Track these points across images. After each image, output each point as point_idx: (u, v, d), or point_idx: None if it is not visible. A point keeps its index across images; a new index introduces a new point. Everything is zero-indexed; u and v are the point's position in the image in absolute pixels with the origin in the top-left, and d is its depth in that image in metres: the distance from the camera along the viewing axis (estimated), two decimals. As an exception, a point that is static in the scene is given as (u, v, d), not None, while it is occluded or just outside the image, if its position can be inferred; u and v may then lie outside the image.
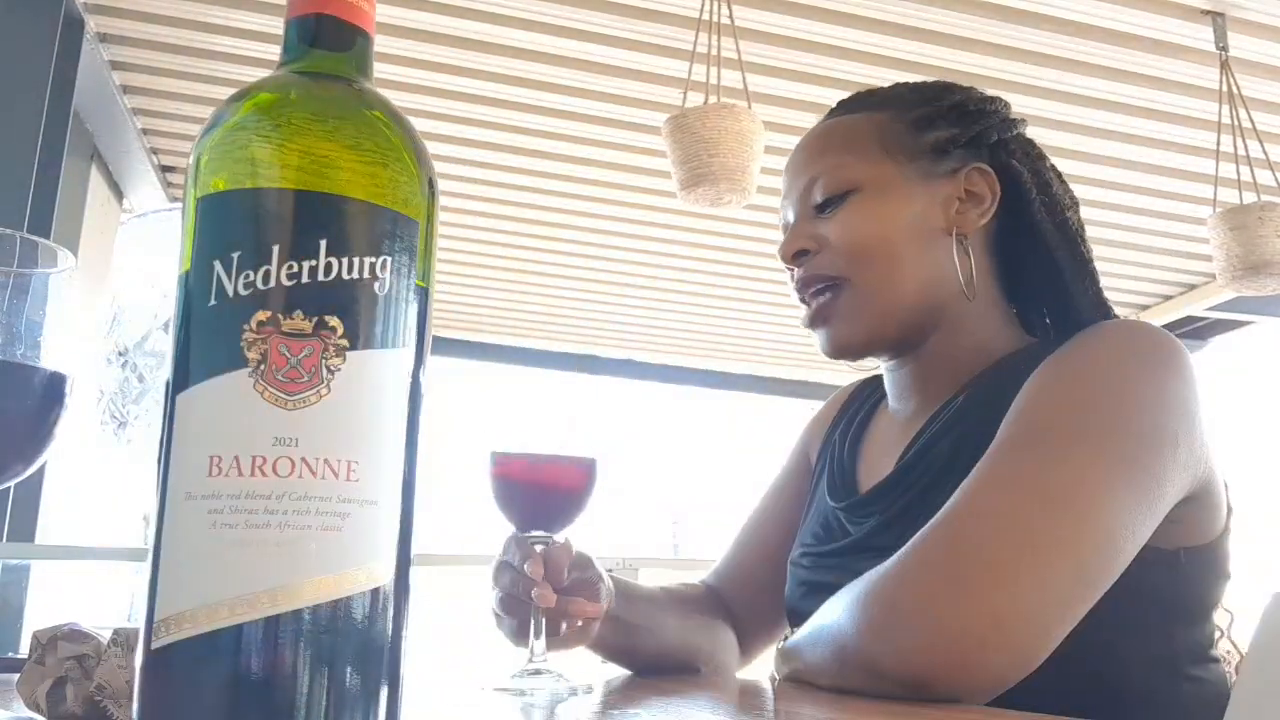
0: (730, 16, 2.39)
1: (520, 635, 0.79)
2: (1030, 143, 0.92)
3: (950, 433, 0.82)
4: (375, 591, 0.37)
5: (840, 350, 0.88)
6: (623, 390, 5.25)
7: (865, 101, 0.94)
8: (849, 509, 0.88)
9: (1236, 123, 2.68)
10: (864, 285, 0.86)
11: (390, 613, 0.38)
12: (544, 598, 0.73)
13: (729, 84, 2.35)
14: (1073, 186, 0.94)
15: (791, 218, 0.92)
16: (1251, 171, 2.69)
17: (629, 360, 5.02)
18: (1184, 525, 0.74)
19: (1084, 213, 0.93)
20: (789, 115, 2.94)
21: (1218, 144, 2.73)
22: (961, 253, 0.86)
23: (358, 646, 0.36)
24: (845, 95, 0.98)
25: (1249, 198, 2.65)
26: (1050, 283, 0.88)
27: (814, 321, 0.89)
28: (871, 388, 1.04)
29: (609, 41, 2.69)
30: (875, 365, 0.97)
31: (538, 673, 0.72)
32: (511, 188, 3.46)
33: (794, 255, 0.89)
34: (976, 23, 2.57)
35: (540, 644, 0.74)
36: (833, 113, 0.96)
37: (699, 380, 5.25)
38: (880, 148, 0.88)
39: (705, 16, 2.39)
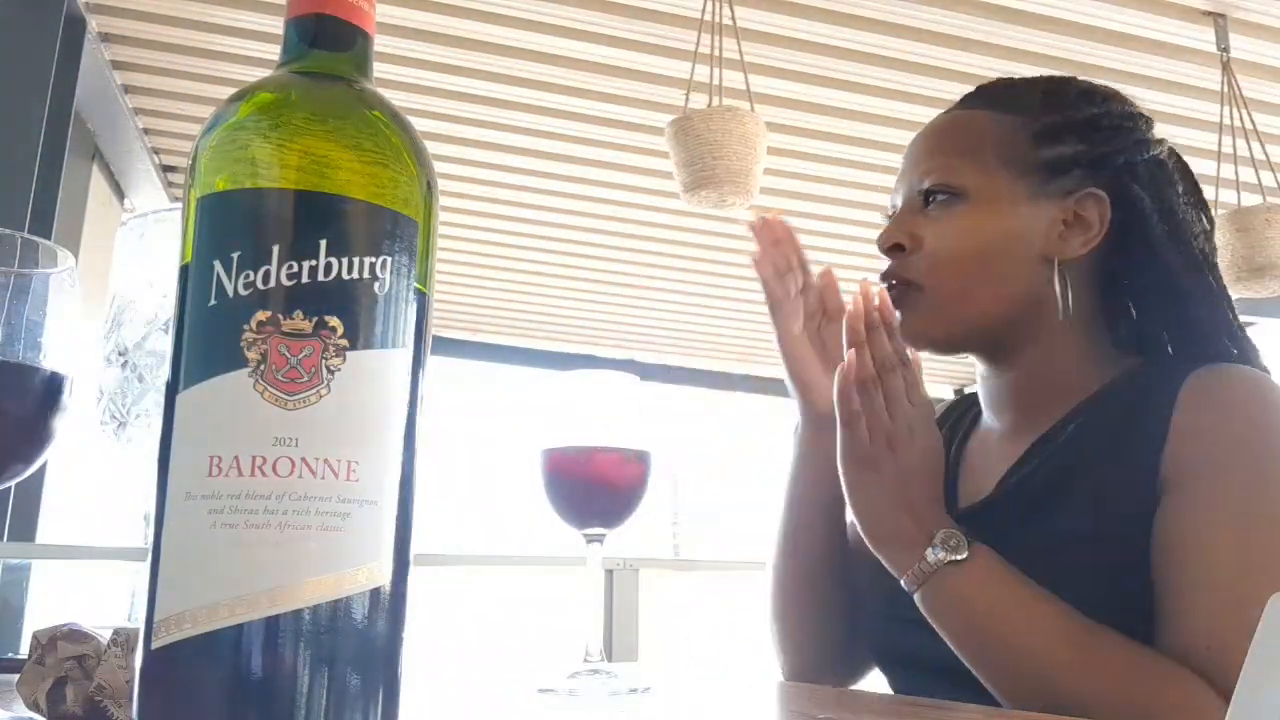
0: (732, 17, 2.39)
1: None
2: (1161, 165, 0.89)
3: (1054, 461, 0.80)
4: (375, 591, 0.37)
5: (908, 340, 0.87)
6: (623, 391, 5.24)
7: (998, 97, 0.91)
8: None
9: (1239, 124, 2.68)
10: (943, 293, 0.85)
11: (390, 613, 0.38)
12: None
13: (731, 85, 2.35)
14: None
15: (899, 203, 0.92)
16: (1256, 173, 2.69)
17: (629, 360, 5.02)
18: None
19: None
20: (791, 116, 2.94)
21: (1219, 145, 2.73)
22: (1059, 278, 0.84)
23: (358, 646, 0.36)
24: (847, 96, 0.98)
25: (1249, 199, 2.66)
26: (1173, 308, 0.86)
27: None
28: (966, 406, 1.02)
29: (610, 42, 2.69)
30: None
31: (595, 673, 0.71)
32: (511, 188, 3.46)
33: (889, 249, 0.89)
34: (977, 24, 2.58)
35: (598, 647, 0.74)
36: (965, 101, 0.93)
37: (699, 380, 5.25)
38: (997, 156, 0.86)
39: (707, 17, 2.39)
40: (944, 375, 4.45)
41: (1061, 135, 0.86)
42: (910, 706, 0.62)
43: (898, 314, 0.87)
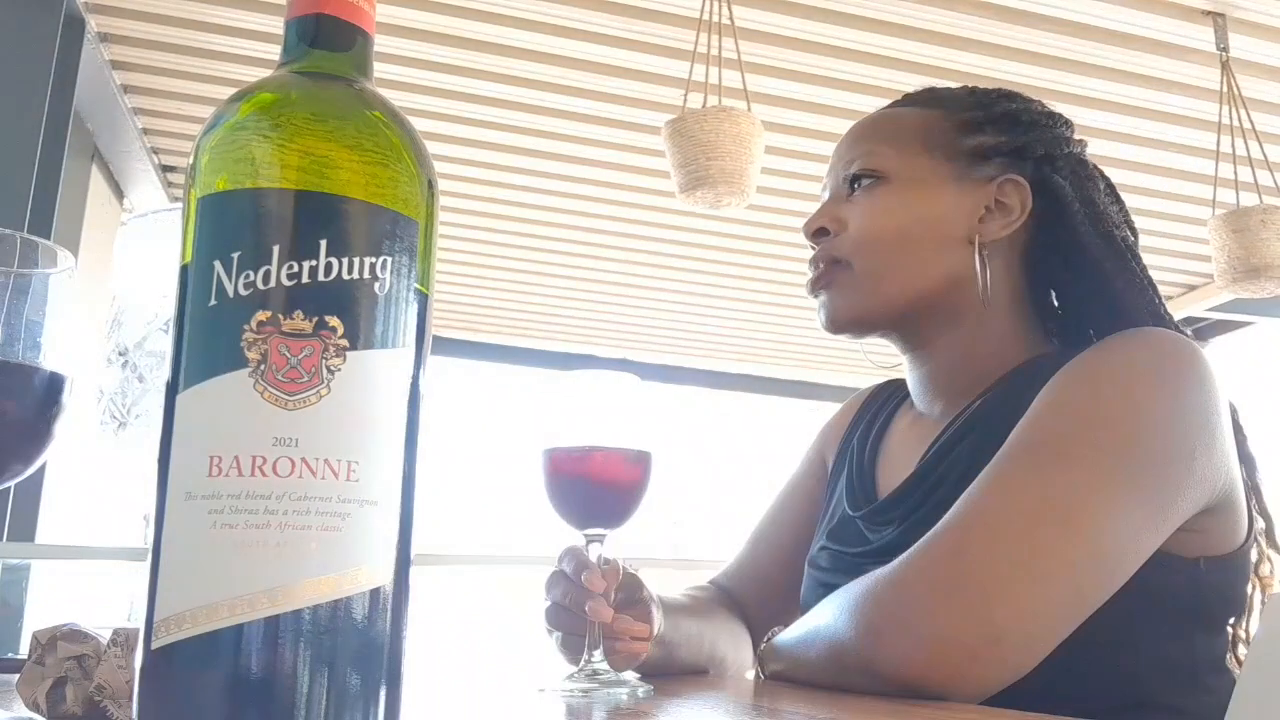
0: (730, 17, 2.39)
1: (568, 647, 0.79)
2: (1083, 163, 0.91)
3: (966, 437, 0.81)
4: (375, 591, 0.37)
5: (832, 322, 0.90)
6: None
7: (924, 98, 0.95)
8: (867, 516, 0.88)
9: (1237, 124, 2.68)
10: (866, 270, 0.87)
11: (390, 613, 0.38)
12: (597, 611, 0.72)
13: (729, 84, 2.35)
14: None
15: (826, 196, 0.94)
16: (1253, 172, 2.69)
17: (628, 360, 5.02)
18: (1204, 535, 0.73)
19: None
20: (789, 115, 2.94)
21: (1217, 145, 2.73)
22: (980, 260, 0.85)
23: (358, 646, 0.36)
24: (845, 95, 0.99)
25: (1247, 198, 2.66)
26: (1099, 296, 0.87)
27: (814, 287, 0.91)
28: (889, 392, 1.03)
29: (609, 42, 2.69)
30: (891, 361, 0.97)
31: (594, 674, 0.71)
32: (511, 188, 3.46)
33: (814, 233, 0.91)
34: (976, 23, 2.57)
35: (598, 652, 0.73)
36: (893, 104, 0.96)
37: (698, 380, 5.25)
38: (921, 143, 0.88)
39: (705, 17, 2.39)
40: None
41: (983, 126, 0.89)
42: (910, 706, 0.62)
43: (823, 295, 0.90)
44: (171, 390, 0.38)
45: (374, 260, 0.38)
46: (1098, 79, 2.73)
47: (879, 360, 1.01)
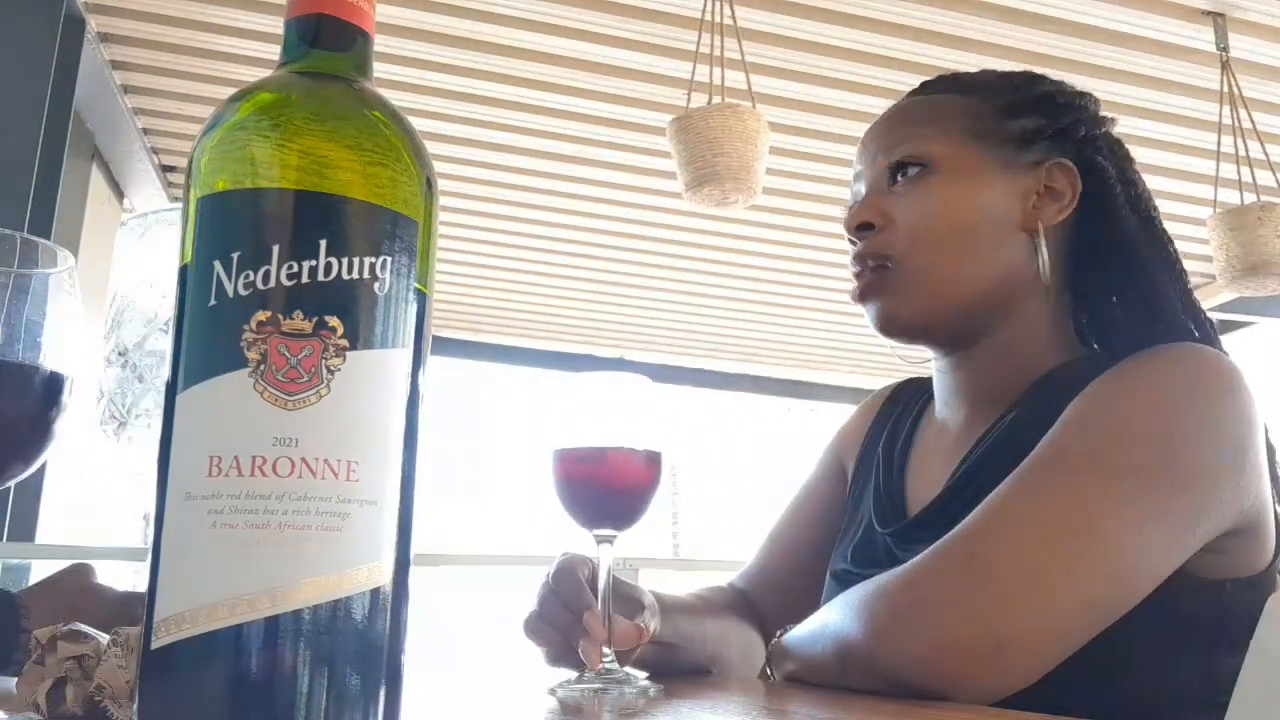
0: (733, 17, 2.39)
1: (558, 661, 0.77)
2: (1118, 142, 0.89)
3: (1002, 453, 0.78)
4: (375, 591, 0.37)
5: (889, 327, 0.86)
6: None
7: (951, 84, 0.91)
8: (897, 535, 0.85)
9: (1237, 124, 2.68)
10: (923, 269, 0.83)
11: (390, 613, 0.38)
12: (589, 656, 0.70)
13: (732, 84, 2.35)
14: None
15: (863, 189, 0.89)
16: (1251, 172, 2.69)
17: (627, 360, 5.02)
18: (1231, 556, 0.72)
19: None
20: (792, 116, 2.94)
21: (1218, 144, 2.74)
22: (1035, 249, 0.83)
23: (358, 646, 0.36)
24: (848, 95, 0.97)
25: (1249, 198, 2.66)
26: (1135, 282, 0.84)
27: (863, 295, 0.86)
28: (910, 394, 1.00)
29: (610, 42, 2.69)
30: (920, 355, 0.94)
31: (606, 673, 0.71)
32: (512, 188, 3.46)
33: (858, 228, 0.86)
34: (977, 23, 2.58)
35: (610, 650, 0.73)
36: (917, 91, 0.92)
37: (698, 380, 5.25)
38: (964, 129, 0.85)
39: (708, 17, 2.39)
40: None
41: (1024, 109, 0.86)
42: (910, 706, 0.62)
43: (874, 303, 0.85)
44: (171, 390, 0.38)
45: (374, 260, 0.38)
46: (1098, 79, 2.73)
47: (908, 355, 0.96)
